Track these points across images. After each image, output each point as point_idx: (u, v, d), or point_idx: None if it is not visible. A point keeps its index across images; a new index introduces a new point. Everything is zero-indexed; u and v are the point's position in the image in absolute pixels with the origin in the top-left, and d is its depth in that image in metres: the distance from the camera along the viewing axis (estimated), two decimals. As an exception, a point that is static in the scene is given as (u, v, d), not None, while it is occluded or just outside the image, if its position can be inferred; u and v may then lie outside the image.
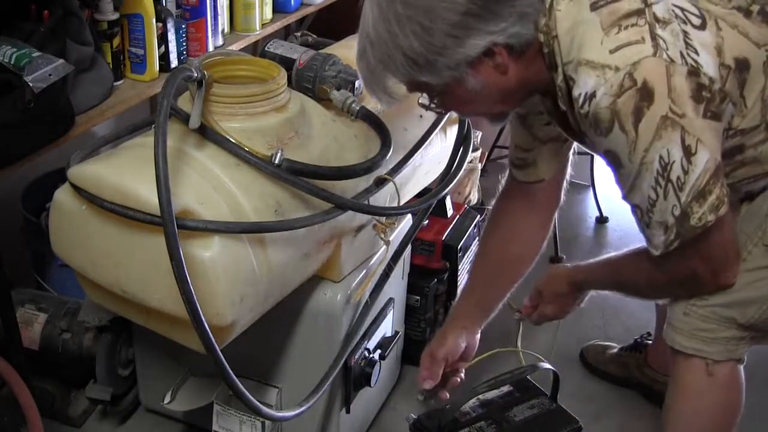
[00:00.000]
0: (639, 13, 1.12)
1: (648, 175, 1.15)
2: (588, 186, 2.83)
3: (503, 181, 1.64)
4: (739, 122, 1.21)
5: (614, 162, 1.18)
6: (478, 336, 1.65)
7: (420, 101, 1.30)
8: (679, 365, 1.39)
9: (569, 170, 1.60)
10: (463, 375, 1.64)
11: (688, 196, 1.14)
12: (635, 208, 1.22)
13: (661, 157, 1.12)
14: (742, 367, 1.40)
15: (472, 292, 1.66)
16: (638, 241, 1.33)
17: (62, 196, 1.27)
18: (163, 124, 1.11)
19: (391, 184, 1.45)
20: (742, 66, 1.17)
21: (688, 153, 1.12)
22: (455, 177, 1.60)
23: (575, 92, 1.15)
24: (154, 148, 1.09)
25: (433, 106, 1.28)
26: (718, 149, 1.16)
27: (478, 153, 2.63)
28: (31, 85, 1.38)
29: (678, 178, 1.13)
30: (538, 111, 1.42)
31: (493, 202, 1.68)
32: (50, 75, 1.41)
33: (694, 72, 1.11)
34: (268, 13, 2.19)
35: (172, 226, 1.09)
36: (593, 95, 1.12)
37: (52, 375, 1.78)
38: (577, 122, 1.22)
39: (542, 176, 1.54)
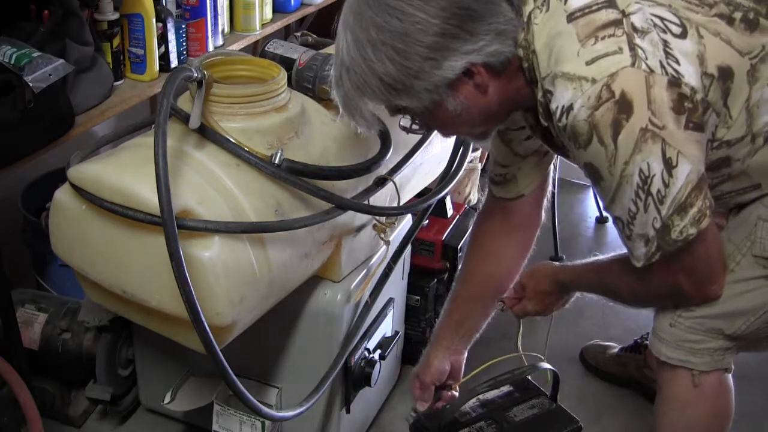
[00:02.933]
0: (616, 23, 1.10)
1: (628, 189, 1.13)
2: (588, 186, 2.83)
3: (483, 200, 1.62)
4: (724, 133, 1.19)
5: (594, 175, 1.16)
6: (465, 356, 1.64)
7: (401, 124, 1.27)
8: (664, 375, 1.37)
9: (550, 187, 1.58)
10: (455, 392, 1.62)
11: (669, 209, 1.12)
12: (616, 220, 1.20)
13: (641, 171, 1.10)
14: (730, 375, 1.38)
15: (454, 313, 1.62)
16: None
17: (62, 196, 1.27)
18: (163, 124, 1.11)
19: (391, 184, 1.45)
20: (726, 74, 1.15)
21: (669, 166, 1.10)
22: (455, 177, 1.60)
23: (552, 105, 1.13)
24: (154, 148, 1.09)
25: (415, 127, 1.26)
26: (701, 160, 1.14)
27: (478, 153, 2.62)
28: (31, 85, 1.38)
29: (658, 191, 1.11)
30: (519, 126, 1.40)
31: (472, 221, 1.65)
32: (50, 75, 1.41)
33: (675, 82, 1.09)
34: (268, 13, 2.19)
35: (172, 226, 1.09)
36: (570, 108, 1.10)
37: (52, 375, 1.78)
38: (558, 136, 1.21)
39: (522, 191, 1.51)
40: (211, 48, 1.97)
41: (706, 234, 1.17)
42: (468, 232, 2.01)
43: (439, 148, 1.69)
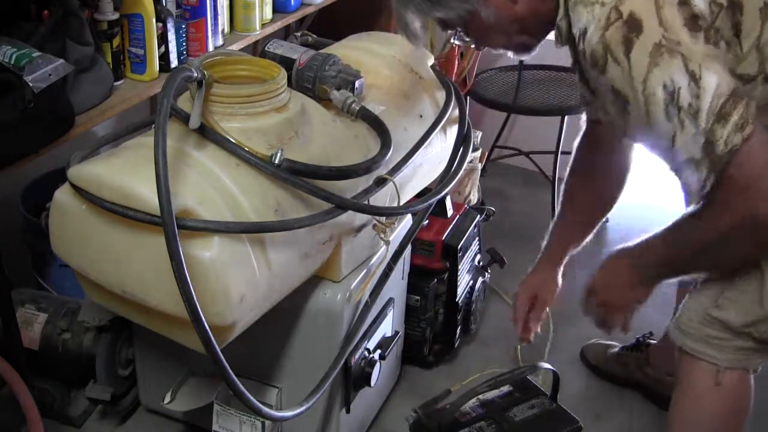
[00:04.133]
0: None
1: (656, 109, 1.11)
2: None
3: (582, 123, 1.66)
4: (735, 64, 1.17)
5: (621, 101, 1.15)
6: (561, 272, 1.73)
7: (453, 41, 1.37)
8: (685, 365, 1.37)
9: None
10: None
11: (707, 121, 1.10)
12: (663, 155, 1.17)
13: (664, 86, 1.10)
14: (752, 377, 1.38)
15: (562, 233, 1.70)
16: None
17: (62, 196, 1.27)
18: (163, 124, 1.11)
19: (391, 184, 1.45)
20: (735, 6, 1.15)
21: (694, 78, 1.09)
22: (455, 177, 1.60)
23: (573, 30, 1.17)
24: (154, 148, 1.09)
25: (465, 38, 1.34)
26: (727, 74, 1.12)
27: (478, 153, 2.63)
28: (31, 85, 1.38)
29: (690, 104, 1.10)
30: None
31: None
32: (50, 75, 1.41)
33: (685, 2, 1.10)
34: (268, 13, 2.19)
35: (172, 226, 1.09)
36: (585, 32, 1.14)
37: (52, 375, 1.78)
38: (581, 66, 1.22)
39: (599, 116, 1.52)
40: (211, 48, 1.97)
41: (754, 138, 1.11)
42: (467, 232, 2.01)
43: (439, 148, 1.69)
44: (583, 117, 1.64)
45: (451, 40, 1.38)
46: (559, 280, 1.74)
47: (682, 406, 1.40)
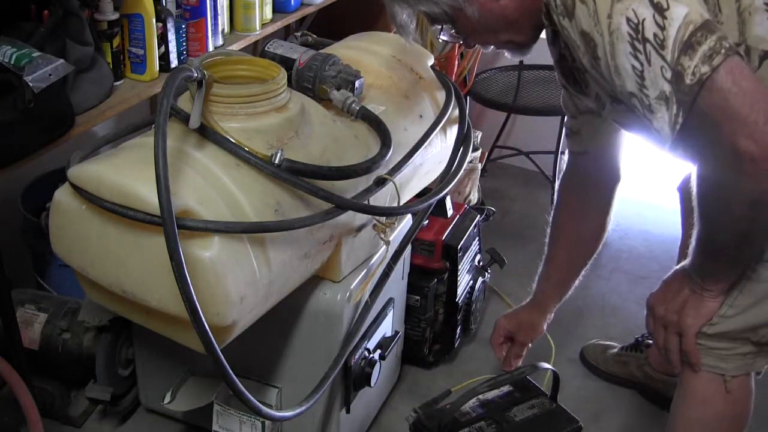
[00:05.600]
0: None
1: (622, 45, 1.07)
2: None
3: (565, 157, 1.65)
4: None
5: (592, 48, 1.11)
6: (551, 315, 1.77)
7: (440, 36, 1.35)
8: (689, 376, 1.36)
9: (622, 147, 1.54)
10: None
11: (674, 51, 1.04)
12: (632, 100, 1.12)
13: (628, 20, 1.05)
14: (752, 380, 1.37)
15: (553, 275, 1.71)
16: (640, 241, 1.32)
17: (62, 196, 1.27)
18: (163, 125, 1.11)
19: (391, 184, 1.45)
20: None
21: (660, 9, 1.05)
22: (455, 177, 1.60)
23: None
24: (155, 148, 1.09)
25: (454, 35, 1.32)
26: (701, 6, 1.07)
27: (478, 153, 2.63)
28: (31, 85, 1.38)
29: (655, 35, 1.05)
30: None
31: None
32: (50, 75, 1.41)
33: None
34: (268, 13, 2.19)
35: (172, 226, 1.09)
36: None
37: (52, 375, 1.78)
38: (565, 43, 1.19)
39: (587, 148, 1.53)
40: (211, 48, 1.97)
41: (722, 69, 1.04)
42: (467, 232, 2.01)
43: (439, 147, 1.69)
44: (566, 156, 1.62)
45: (439, 36, 1.36)
46: (543, 328, 1.77)
47: (685, 411, 1.39)
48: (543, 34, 1.38)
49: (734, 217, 1.15)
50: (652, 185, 2.86)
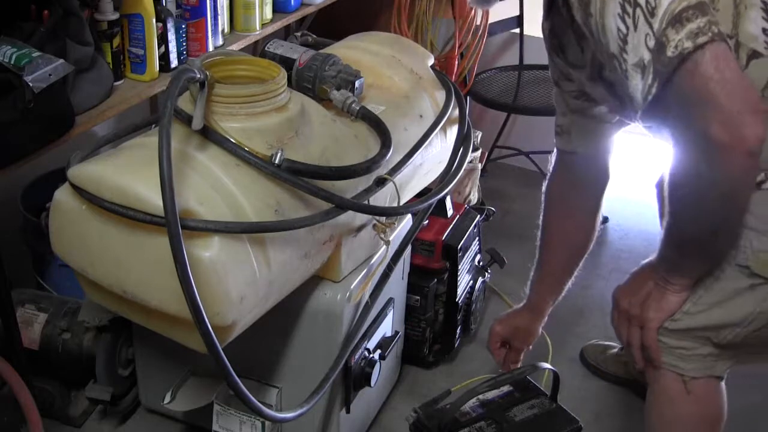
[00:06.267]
0: None
1: (612, 4, 1.06)
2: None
3: (553, 156, 1.63)
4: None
5: (585, 9, 1.11)
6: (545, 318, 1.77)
7: None
8: (653, 374, 1.36)
9: (612, 149, 1.53)
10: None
11: (662, 21, 1.03)
12: (613, 62, 1.10)
13: None
14: (722, 384, 1.36)
15: (546, 277, 1.70)
16: (640, 241, 1.32)
17: (62, 196, 1.27)
18: (167, 126, 1.11)
19: (391, 184, 1.45)
20: None
21: None
22: (455, 177, 1.60)
23: None
24: (158, 150, 1.09)
25: None
26: None
27: (478, 153, 2.63)
28: (31, 85, 1.38)
29: (647, 1, 1.03)
30: (567, 78, 1.40)
31: (546, 180, 1.66)
32: (50, 75, 1.41)
33: None
34: (268, 13, 2.19)
35: (177, 228, 1.08)
36: None
37: (52, 375, 1.78)
38: (566, 10, 1.18)
39: (576, 149, 1.52)
40: (211, 48, 1.97)
41: (707, 51, 1.03)
42: (467, 232, 2.01)
43: (439, 147, 1.69)
44: (552, 158, 1.61)
45: None
46: (539, 331, 1.78)
47: (655, 410, 1.40)
48: (542, 34, 1.39)
49: (703, 209, 1.14)
50: (652, 186, 2.86)
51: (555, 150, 1.60)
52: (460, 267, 1.97)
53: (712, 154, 1.05)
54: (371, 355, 1.64)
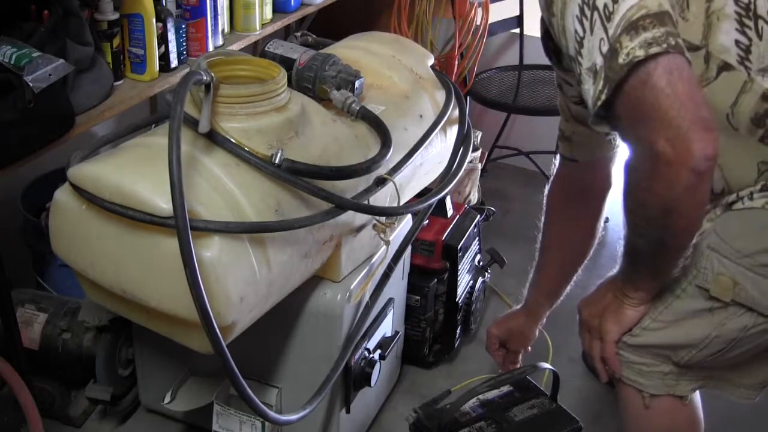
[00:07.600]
0: None
1: (572, 5, 1.05)
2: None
3: (556, 160, 1.61)
4: (680, 27, 1.07)
5: (550, 8, 1.11)
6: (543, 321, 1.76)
7: None
8: (617, 386, 1.35)
9: (614, 158, 1.52)
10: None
11: (618, 27, 1.01)
12: (572, 64, 1.10)
13: None
14: (693, 401, 1.33)
15: (543, 283, 1.69)
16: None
17: (62, 196, 1.27)
18: (177, 130, 1.11)
19: (391, 184, 1.45)
20: None
21: None
22: (455, 177, 1.60)
23: None
24: (168, 154, 1.09)
25: None
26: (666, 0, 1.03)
27: (478, 153, 2.63)
28: (31, 85, 1.38)
29: (605, 6, 1.02)
30: (567, 82, 1.39)
31: (548, 183, 1.65)
32: (50, 75, 1.41)
33: None
34: (268, 13, 2.19)
35: (186, 233, 1.08)
36: None
37: (52, 375, 1.78)
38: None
39: (576, 156, 1.50)
40: (211, 48, 1.97)
41: (660, 63, 1.00)
42: (467, 232, 2.01)
43: (439, 148, 1.69)
44: (556, 161, 1.60)
45: None
46: (535, 334, 1.77)
47: (624, 421, 1.39)
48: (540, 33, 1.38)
49: (649, 222, 1.13)
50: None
51: (558, 154, 1.60)
52: (460, 267, 1.97)
53: (658, 169, 1.03)
54: (371, 355, 1.64)
